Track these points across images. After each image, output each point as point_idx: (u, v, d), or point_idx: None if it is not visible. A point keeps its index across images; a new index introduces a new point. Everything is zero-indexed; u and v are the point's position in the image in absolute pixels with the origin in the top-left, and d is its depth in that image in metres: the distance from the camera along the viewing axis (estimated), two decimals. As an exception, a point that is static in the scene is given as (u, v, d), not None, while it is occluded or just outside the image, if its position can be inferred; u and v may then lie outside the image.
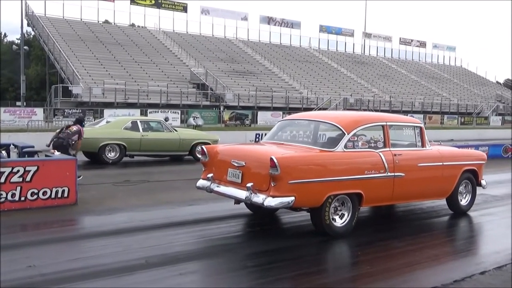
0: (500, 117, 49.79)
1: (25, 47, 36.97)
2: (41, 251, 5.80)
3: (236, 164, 6.59)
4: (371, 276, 5.24)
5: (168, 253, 5.69)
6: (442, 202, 8.81)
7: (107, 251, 5.76)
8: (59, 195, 8.13)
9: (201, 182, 7.22)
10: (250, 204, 6.96)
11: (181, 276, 4.98)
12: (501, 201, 9.75)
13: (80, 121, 11.64)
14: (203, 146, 7.45)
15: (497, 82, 73.78)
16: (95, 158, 14.18)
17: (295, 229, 7.27)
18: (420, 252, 6.10)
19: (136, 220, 7.43)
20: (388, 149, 6.99)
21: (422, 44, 68.89)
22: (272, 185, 6.03)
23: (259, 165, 6.31)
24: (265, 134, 21.88)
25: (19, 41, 41.02)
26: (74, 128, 11.05)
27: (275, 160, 5.92)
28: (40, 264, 5.22)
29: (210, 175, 7.03)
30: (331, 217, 6.43)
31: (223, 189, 6.81)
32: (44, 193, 8.00)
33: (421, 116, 39.01)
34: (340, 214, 6.59)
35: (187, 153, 15.45)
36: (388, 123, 7.17)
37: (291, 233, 7.11)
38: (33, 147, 11.12)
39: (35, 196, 7.93)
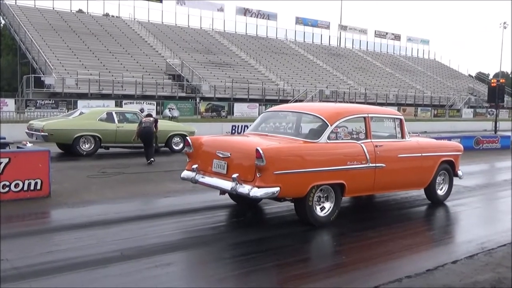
0: (472, 109, 50.74)
1: (-5, 36, 36.10)
2: (13, 244, 5.69)
3: (221, 155, 6.63)
4: (346, 266, 5.31)
5: (143, 245, 5.66)
6: (416, 193, 8.98)
7: (81, 244, 5.69)
8: (32, 188, 7.99)
9: (186, 173, 7.23)
10: (234, 195, 6.99)
11: (157, 268, 4.95)
12: (473, 191, 9.97)
13: (151, 115, 13.93)
14: (187, 137, 7.44)
15: (469, 75, 75.12)
16: (69, 149, 13.97)
17: (272, 220, 7.33)
18: (394, 242, 6.20)
19: (110, 212, 7.36)
20: (369, 140, 7.13)
21: (397, 37, 69.59)
22: (258, 175, 6.12)
23: (245, 156, 6.37)
24: (242, 126, 21.98)
25: (-11, 30, 40.19)
26: (151, 118, 13.24)
27: (260, 151, 5.98)
28: (12, 257, 5.13)
29: (194, 166, 7.05)
30: (314, 207, 6.54)
31: (208, 180, 6.84)
32: (16, 185, 7.85)
33: (396, 108, 39.47)
34: (323, 204, 6.70)
35: (163, 144, 15.35)
36: (369, 115, 7.31)
37: (268, 224, 7.15)
38: (4, 138, 10.91)
39: (7, 189, 7.78)
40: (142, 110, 21.94)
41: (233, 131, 22.94)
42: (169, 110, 28.77)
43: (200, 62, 41.60)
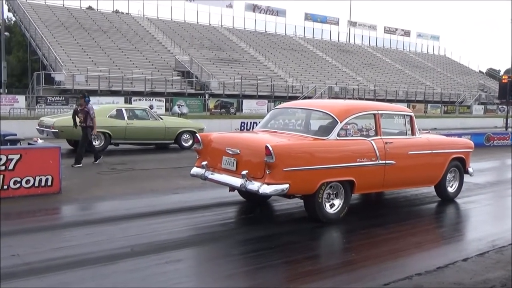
0: (483, 106, 50.34)
1: (6, 33, 36.31)
2: (24, 240, 5.74)
3: (230, 152, 6.63)
4: (355, 263, 5.29)
5: (153, 242, 5.68)
6: (426, 190, 8.93)
7: (91, 240, 5.72)
8: (43, 184, 8.05)
9: (195, 170, 7.24)
10: (244, 192, 6.99)
11: (167, 265, 4.97)
12: (483, 189, 9.90)
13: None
14: (197, 134, 7.46)
15: (480, 71, 74.48)
16: (79, 146, 14.01)
17: (281, 217, 7.32)
18: (404, 240, 6.18)
19: (120, 208, 7.39)
20: (379, 137, 7.10)
21: (407, 33, 69.15)
22: (267, 172, 6.11)
23: (254, 153, 6.37)
24: (251, 123, 21.95)
25: (-1, 27, 40.29)
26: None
27: (270, 148, 5.97)
28: (23, 253, 5.17)
29: (204, 162, 7.06)
30: (324, 204, 6.54)
31: (217, 176, 6.84)
32: (27, 181, 7.91)
33: (405, 105, 39.24)
34: (332, 201, 6.69)
35: (173, 141, 15.38)
36: (379, 112, 7.28)
37: (276, 221, 7.15)
38: (15, 135, 10.98)
39: (18, 185, 7.84)
40: (151, 107, 22.04)
41: (242, 128, 22.93)
42: (178, 107, 28.83)
43: (209, 58, 41.62)
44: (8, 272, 4.62)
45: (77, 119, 11.68)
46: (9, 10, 42.23)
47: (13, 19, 49.13)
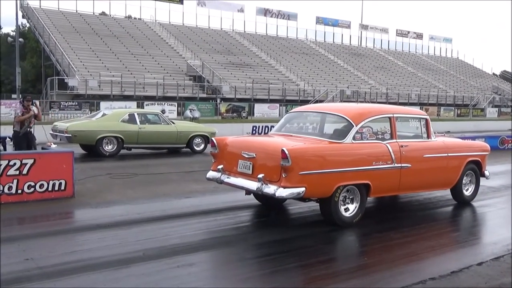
0: (496, 108, 49.86)
1: (20, 39, 36.71)
2: (38, 244, 5.78)
3: (246, 156, 6.65)
4: (368, 267, 5.25)
5: (165, 246, 5.69)
6: (439, 194, 8.86)
7: (104, 244, 5.75)
8: (56, 188, 8.10)
9: (211, 174, 7.26)
10: (259, 195, 7.00)
11: (179, 269, 4.97)
12: (498, 192, 9.78)
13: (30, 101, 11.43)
14: (213, 138, 7.48)
15: (493, 73, 73.84)
16: (92, 150, 14.14)
17: (295, 221, 7.31)
18: (418, 244, 6.12)
19: (133, 212, 7.41)
20: (395, 140, 7.07)
21: (419, 36, 68.77)
22: (283, 176, 6.12)
23: (270, 156, 6.39)
24: (262, 127, 21.95)
25: (14, 33, 40.91)
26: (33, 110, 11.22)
27: (286, 152, 5.98)
28: (37, 257, 5.21)
29: (220, 166, 7.08)
30: (340, 207, 6.52)
31: (233, 180, 6.86)
32: (41, 186, 7.97)
33: (418, 108, 39.00)
34: (348, 204, 6.67)
35: (185, 145, 15.43)
36: (395, 115, 7.26)
37: (290, 225, 7.12)
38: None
39: (32, 189, 7.90)
40: (163, 111, 22.15)
41: (254, 132, 22.96)
42: (190, 111, 28.93)
43: (221, 63, 41.73)
44: (22, 276, 4.66)
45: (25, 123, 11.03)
46: (23, 17, 42.73)
47: (27, 25, 49.75)
